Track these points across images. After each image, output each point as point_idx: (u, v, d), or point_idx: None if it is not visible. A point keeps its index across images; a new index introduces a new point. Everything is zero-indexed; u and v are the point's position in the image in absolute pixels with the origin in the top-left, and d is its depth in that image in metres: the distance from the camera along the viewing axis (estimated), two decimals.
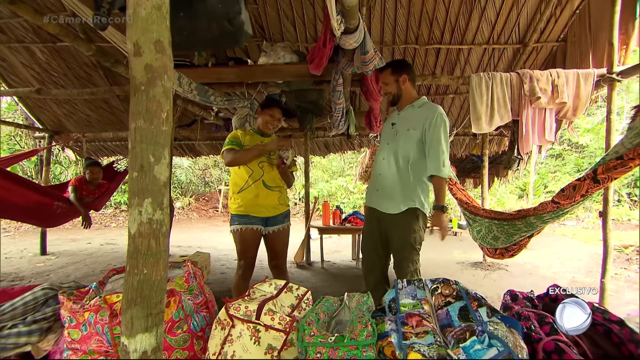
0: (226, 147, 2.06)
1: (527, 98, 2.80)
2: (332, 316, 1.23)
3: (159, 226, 0.85)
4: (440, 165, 1.82)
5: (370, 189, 2.10)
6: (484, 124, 2.86)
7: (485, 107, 2.85)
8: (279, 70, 2.66)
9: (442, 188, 1.84)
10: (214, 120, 4.48)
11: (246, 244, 2.07)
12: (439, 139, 1.84)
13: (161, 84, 0.82)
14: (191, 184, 13.25)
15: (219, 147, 6.12)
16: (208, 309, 1.36)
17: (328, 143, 5.92)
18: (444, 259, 4.90)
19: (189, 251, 5.23)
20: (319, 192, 11.11)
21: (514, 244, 2.67)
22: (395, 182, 1.92)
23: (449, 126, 1.92)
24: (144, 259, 0.78)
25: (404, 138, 1.92)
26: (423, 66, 3.75)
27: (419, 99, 2.01)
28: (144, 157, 0.82)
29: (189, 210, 11.81)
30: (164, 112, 0.85)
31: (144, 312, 0.75)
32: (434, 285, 1.26)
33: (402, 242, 1.86)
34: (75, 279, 3.56)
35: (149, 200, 0.83)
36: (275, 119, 2.16)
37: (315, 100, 3.59)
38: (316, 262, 4.64)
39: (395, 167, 1.93)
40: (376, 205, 1.99)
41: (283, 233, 2.19)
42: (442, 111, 1.90)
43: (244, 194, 2.07)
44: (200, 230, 8.44)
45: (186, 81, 2.42)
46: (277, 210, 2.15)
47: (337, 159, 13.23)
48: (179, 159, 11.38)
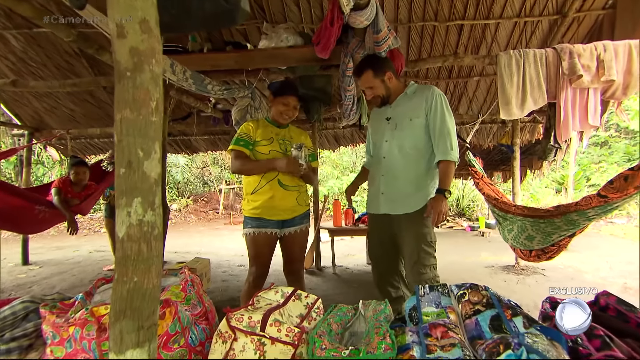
0: (233, 147, 2.05)
1: (566, 77, 2.72)
2: (346, 327, 1.22)
3: (150, 229, 0.84)
4: (449, 148, 1.85)
5: (372, 194, 2.10)
6: (514, 108, 2.81)
7: (516, 90, 2.79)
8: (281, 55, 2.66)
9: (450, 172, 1.85)
10: (211, 113, 4.50)
11: (259, 250, 2.07)
12: (443, 120, 1.87)
13: (149, 69, 0.81)
14: (188, 184, 13.39)
15: (218, 142, 6.17)
16: (208, 321, 1.36)
17: (338, 135, 5.91)
18: (470, 262, 4.85)
19: (187, 257, 5.28)
20: (329, 190, 11.11)
21: (552, 244, 2.62)
22: (406, 179, 1.92)
23: (448, 104, 1.94)
24: (134, 266, 0.78)
25: (408, 129, 1.93)
26: (444, 46, 3.71)
27: (409, 85, 2.02)
28: (132, 151, 0.82)
29: (187, 213, 11.94)
30: (153, 101, 0.85)
31: (134, 325, 0.75)
32: (461, 291, 1.24)
33: (416, 241, 1.86)
34: (60, 290, 3.61)
35: (139, 199, 0.83)
36: (291, 107, 2.14)
37: (323, 88, 3.57)
38: (327, 267, 4.65)
39: (403, 163, 1.93)
40: (384, 209, 1.99)
41: (301, 235, 2.19)
42: (438, 90, 1.93)
43: (258, 195, 2.07)
44: (200, 235, 8.53)
45: (180, 69, 2.44)
46: (295, 212, 2.15)
47: (348, 153, 13.22)
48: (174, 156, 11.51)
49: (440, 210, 1.77)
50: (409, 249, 1.89)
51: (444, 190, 1.81)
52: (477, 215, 10.29)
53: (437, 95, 1.91)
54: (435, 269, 1.86)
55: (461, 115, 4.80)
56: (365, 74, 2.00)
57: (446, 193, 1.81)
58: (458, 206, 11.32)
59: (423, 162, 1.92)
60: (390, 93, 2.03)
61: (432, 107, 1.89)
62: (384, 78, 1.99)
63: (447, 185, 1.83)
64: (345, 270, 4.52)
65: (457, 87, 4.53)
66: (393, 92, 2.03)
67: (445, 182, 1.84)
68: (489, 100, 4.62)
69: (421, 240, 1.85)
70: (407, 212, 1.90)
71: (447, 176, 1.84)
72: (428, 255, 1.85)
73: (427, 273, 1.82)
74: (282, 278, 2.26)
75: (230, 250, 6.20)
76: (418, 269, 1.83)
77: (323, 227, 4.51)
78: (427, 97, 1.91)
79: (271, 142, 2.10)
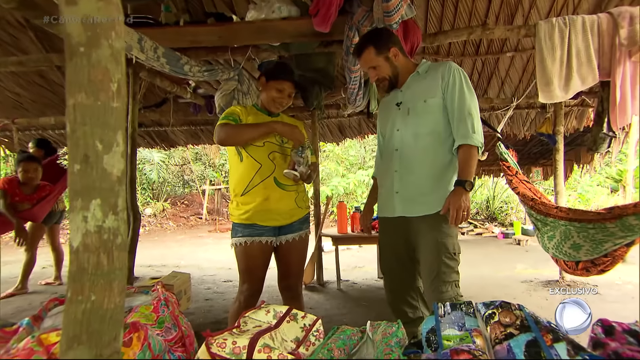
0: (220, 122, 2.06)
1: (624, 49, 2.66)
2: (351, 353, 1.21)
3: (112, 236, 0.84)
4: (470, 131, 1.84)
5: (384, 196, 2.10)
6: (556, 90, 2.78)
7: (559, 66, 2.76)
8: (273, 29, 2.66)
9: (471, 159, 1.83)
10: (191, 99, 4.51)
11: (251, 263, 2.08)
12: (462, 98, 1.87)
13: (108, 44, 0.80)
14: (165, 184, 13.46)
15: (200, 134, 6.18)
16: (185, 347, 1.36)
17: (343, 125, 5.91)
18: (503, 277, 4.84)
19: (163, 272, 5.32)
20: (332, 191, 11.14)
21: (605, 254, 2.60)
22: (424, 172, 1.92)
23: (469, 81, 1.94)
24: (92, 281, 0.78)
25: (423, 113, 1.93)
26: (470, 15, 3.68)
27: (420, 63, 2.03)
28: (89, 144, 0.82)
29: (164, 218, 12.01)
30: (113, 83, 0.84)
31: (91, 353, 0.74)
32: (489, 310, 1.23)
33: (436, 252, 1.84)
34: (3, 315, 3.56)
35: (98, 201, 0.83)
36: (285, 95, 2.15)
37: (324, 69, 3.57)
38: (330, 281, 4.66)
39: (420, 153, 1.93)
40: (398, 211, 1.98)
41: (300, 243, 2.20)
42: (456, 65, 1.94)
43: (250, 196, 2.07)
44: (179, 244, 8.57)
45: (150, 45, 2.44)
46: (293, 216, 2.16)
47: (355, 146, 13.25)
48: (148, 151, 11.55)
49: (460, 205, 1.74)
50: (428, 261, 1.87)
51: (464, 182, 1.78)
52: (512, 220, 10.28)
53: (455, 70, 1.91)
54: (457, 287, 1.85)
55: (491, 99, 4.79)
56: (366, 52, 1.99)
57: (467, 185, 1.77)
58: (488, 209, 11.32)
59: (444, 151, 1.91)
60: (398, 73, 2.02)
61: (449, 83, 1.89)
62: (389, 55, 1.98)
63: (468, 176, 1.80)
64: (352, 286, 4.52)
65: (486, 65, 4.52)
66: (402, 72, 2.02)
67: (466, 172, 1.81)
68: (525, 81, 4.61)
69: (442, 251, 1.83)
70: (426, 213, 1.89)
71: (468, 164, 1.82)
72: (450, 269, 1.83)
73: (447, 292, 1.81)
74: (276, 295, 2.27)
75: (215, 262, 6.21)
76: (437, 286, 1.82)
77: (326, 235, 4.51)
78: (442, 74, 1.91)
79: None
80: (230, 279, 4.97)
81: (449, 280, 1.82)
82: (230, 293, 4.33)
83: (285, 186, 2.10)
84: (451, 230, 1.85)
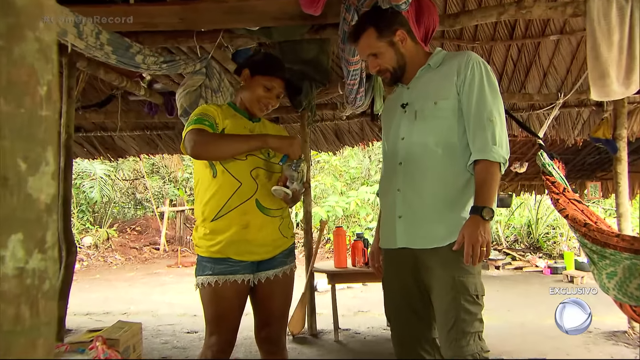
0: (192, 127, 2.05)
1: None
2: None
3: (38, 281, 0.84)
4: (489, 142, 1.85)
5: (385, 221, 2.13)
6: (614, 84, 2.82)
7: (618, 54, 2.79)
8: (250, 9, 2.71)
9: (491, 179, 1.85)
10: (145, 97, 4.53)
11: (223, 308, 2.09)
12: (482, 99, 1.89)
13: (34, 37, 0.82)
14: (111, 205, 13.40)
15: (157, 141, 6.21)
16: None
17: (340, 130, 5.97)
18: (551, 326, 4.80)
19: (106, 321, 5.25)
20: (328, 213, 11.14)
21: None
22: (434, 194, 1.95)
23: (494, 77, 1.96)
24: (9, 340, 0.78)
25: (434, 118, 1.96)
26: None
27: (434, 53, 2.06)
28: (8, 163, 0.82)
29: (108, 250, 11.94)
30: (42, 85, 0.85)
31: None
32: None
33: (453, 294, 1.85)
34: None
35: (19, 236, 0.83)
36: (274, 95, 2.20)
37: (315, 59, 3.62)
38: (326, 330, 4.65)
39: (429, 168, 1.95)
40: (401, 241, 2.00)
41: (284, 282, 2.23)
42: (477, 56, 1.96)
43: (224, 222, 2.08)
44: (128, 284, 8.50)
45: (91, 29, 2.46)
46: (277, 247, 2.19)
47: (357, 156, 13.29)
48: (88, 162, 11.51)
49: (476, 239, 1.74)
50: (443, 306, 1.87)
51: (482, 208, 1.78)
52: (561, 250, 10.29)
53: (475, 63, 1.92)
54: (480, 339, 1.85)
55: (531, 95, 4.84)
56: (365, 35, 2.01)
57: (485, 213, 1.77)
58: (530, 236, 11.37)
59: (459, 167, 1.93)
60: (405, 63, 2.04)
61: (466, 80, 1.90)
62: (394, 39, 2.00)
63: (487, 201, 1.81)
64: (353, 337, 4.51)
65: (523, 53, 4.58)
66: (410, 62, 2.04)
67: (485, 195, 1.82)
68: (575, 71, 4.64)
69: (461, 293, 1.83)
70: (437, 245, 1.89)
71: (487, 185, 1.83)
72: (471, 317, 1.83)
73: (468, 345, 1.80)
74: (254, 349, 2.27)
75: (176, 308, 6.17)
76: (456, 339, 1.82)
77: (319, 270, 4.51)
78: (459, 68, 1.93)
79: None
80: (196, 330, 4.93)
81: (471, 330, 1.82)
82: (195, 348, 4.30)
83: (269, 210, 2.12)
84: (472, 267, 1.84)
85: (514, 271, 9.09)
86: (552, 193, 3.39)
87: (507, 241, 11.30)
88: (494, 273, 8.84)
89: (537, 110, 5.01)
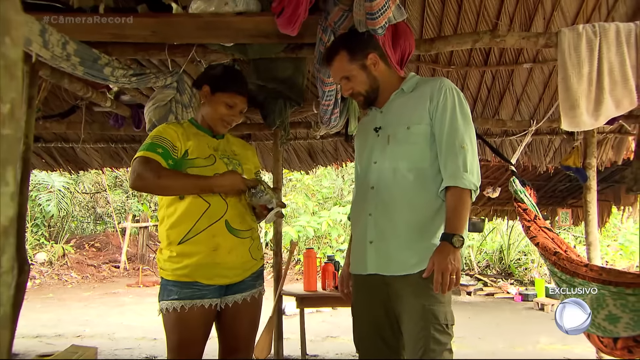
0: (142, 154, 2.02)
1: None
2: None
3: None
4: (460, 169, 1.89)
5: (355, 245, 2.14)
6: (584, 115, 2.88)
7: (587, 86, 2.86)
8: (225, 25, 2.71)
9: (462, 206, 1.88)
10: (111, 108, 4.47)
11: (189, 335, 2.06)
12: (454, 125, 1.93)
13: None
14: (69, 220, 13.10)
15: (122, 154, 6.13)
16: None
17: (314, 149, 5.99)
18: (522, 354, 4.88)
19: (58, 345, 5.14)
20: (299, 233, 11.11)
21: None
22: (405, 220, 1.97)
23: (467, 104, 2.02)
24: None
25: (406, 143, 2.00)
26: (477, 17, 3.84)
27: (407, 77, 2.11)
28: None
29: (64, 267, 11.64)
30: (5, 104, 0.84)
31: None
32: None
33: (422, 323, 1.87)
34: None
35: None
36: (237, 111, 2.19)
37: (290, 78, 3.64)
38: (293, 356, 4.61)
39: (400, 194, 1.99)
40: (372, 267, 2.02)
41: (251, 306, 2.21)
42: (450, 82, 2.01)
43: (193, 245, 2.05)
44: (83, 304, 8.29)
45: (57, 39, 2.44)
46: (246, 270, 2.18)
47: (330, 176, 13.32)
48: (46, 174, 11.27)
49: (446, 267, 1.76)
50: (412, 336, 1.89)
51: (452, 236, 1.81)
52: (533, 277, 10.44)
53: (448, 89, 1.97)
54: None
55: (504, 121, 4.91)
56: (338, 58, 2.04)
57: (455, 240, 1.80)
58: (502, 261, 11.51)
59: (431, 193, 1.96)
60: (378, 87, 2.08)
61: (438, 106, 1.94)
62: (366, 62, 2.03)
63: (457, 228, 1.84)
64: None
65: (497, 79, 4.67)
66: (383, 86, 2.08)
67: (455, 223, 1.85)
68: (547, 99, 4.74)
69: (430, 322, 1.85)
70: (407, 273, 1.91)
71: (457, 212, 1.86)
72: (440, 346, 1.84)
73: None
74: None
75: (134, 330, 6.05)
76: None
77: (288, 293, 4.46)
78: (432, 94, 1.97)
79: (212, 161, 2.12)
80: (155, 355, 4.83)
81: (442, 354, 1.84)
82: None
83: (239, 232, 2.11)
84: (442, 295, 1.86)
85: (485, 297, 9.19)
86: (524, 220, 3.45)
87: (479, 266, 11.42)
88: (466, 299, 8.92)
89: (510, 137, 5.10)
